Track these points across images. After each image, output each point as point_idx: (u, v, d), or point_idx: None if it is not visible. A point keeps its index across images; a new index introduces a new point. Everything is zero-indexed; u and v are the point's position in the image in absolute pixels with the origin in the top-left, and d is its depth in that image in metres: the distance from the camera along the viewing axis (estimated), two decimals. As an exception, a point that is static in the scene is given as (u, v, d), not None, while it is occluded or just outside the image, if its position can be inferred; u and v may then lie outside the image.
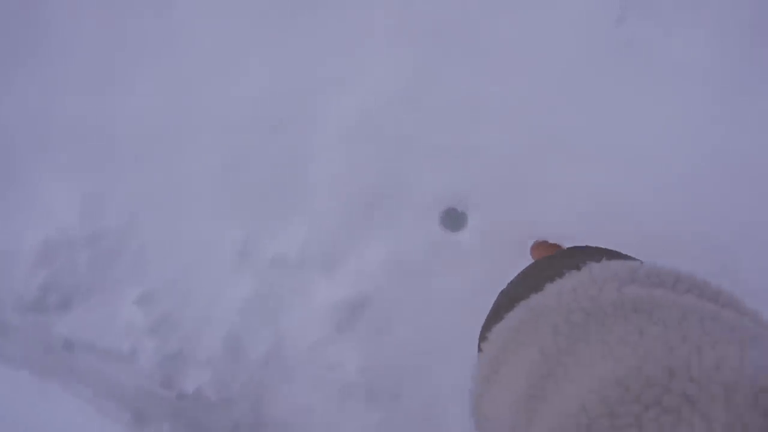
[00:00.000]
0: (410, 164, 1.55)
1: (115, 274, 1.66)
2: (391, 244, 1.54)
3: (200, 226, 1.65)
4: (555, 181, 1.48)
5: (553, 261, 0.74)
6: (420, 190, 1.54)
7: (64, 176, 1.75)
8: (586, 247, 0.83)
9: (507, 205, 1.50)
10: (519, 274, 0.79)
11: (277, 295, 1.59)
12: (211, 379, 1.59)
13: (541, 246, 1.41)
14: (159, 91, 1.71)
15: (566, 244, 1.45)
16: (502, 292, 0.78)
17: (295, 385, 1.60)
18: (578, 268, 0.56)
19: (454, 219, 1.53)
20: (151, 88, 1.72)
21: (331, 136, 1.60)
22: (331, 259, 1.57)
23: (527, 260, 1.50)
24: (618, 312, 0.46)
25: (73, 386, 1.79)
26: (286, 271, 1.59)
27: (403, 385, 1.53)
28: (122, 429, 1.70)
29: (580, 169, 1.48)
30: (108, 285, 1.66)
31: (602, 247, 0.80)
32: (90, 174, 1.72)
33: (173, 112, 1.70)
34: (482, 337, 0.66)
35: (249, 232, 1.61)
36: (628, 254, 0.75)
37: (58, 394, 1.75)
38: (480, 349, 0.61)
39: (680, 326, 0.41)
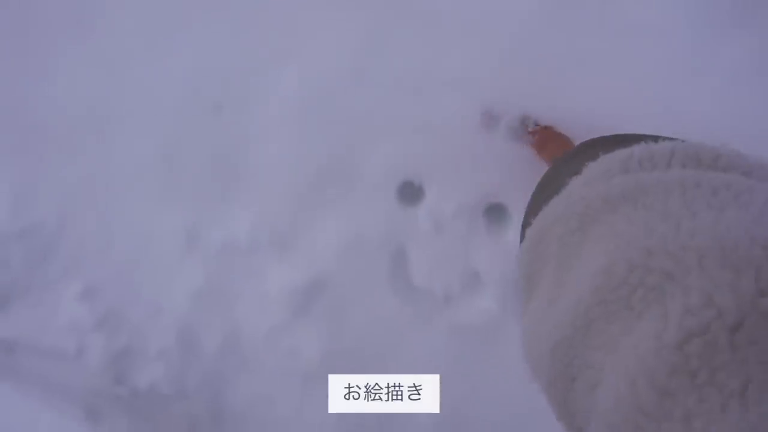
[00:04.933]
0: (360, 139, 1.47)
1: (52, 269, 1.55)
2: (345, 223, 1.47)
3: (141, 215, 1.55)
4: (507, 150, 1.42)
5: (561, 168, 0.78)
6: (372, 166, 1.46)
7: (-10, 168, 1.61)
8: (598, 140, 0.84)
9: (462, 175, 1.44)
10: (538, 185, 0.84)
11: (229, 282, 1.51)
12: (165, 374, 1.52)
13: (545, 135, 1.34)
14: (81, 75, 1.59)
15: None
16: (529, 202, 0.83)
17: (254, 375, 1.54)
18: (579, 172, 0.60)
19: (410, 193, 1.47)
20: (72, 72, 1.59)
21: (275, 113, 1.50)
22: (283, 242, 1.49)
23: (482, 231, 1.45)
24: (607, 206, 0.49)
25: (20, 387, 1.69)
26: (236, 256, 1.51)
27: (365, 368, 1.48)
28: (77, 425, 1.61)
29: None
30: (46, 281, 1.56)
31: (619, 134, 0.80)
32: (19, 165, 1.60)
33: (99, 97, 1.57)
34: (521, 236, 0.72)
35: (194, 219, 1.52)
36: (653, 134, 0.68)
37: (5, 393, 1.64)
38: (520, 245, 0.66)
39: (663, 205, 0.44)
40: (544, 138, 1.35)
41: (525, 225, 0.71)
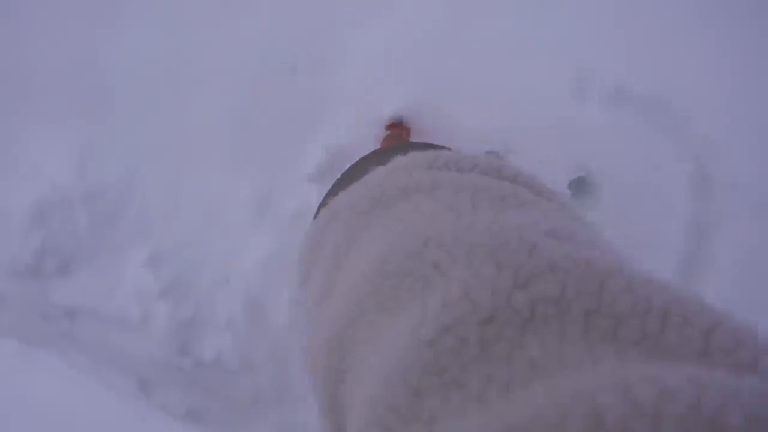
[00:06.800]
0: (442, 105, 1.42)
1: (118, 234, 1.51)
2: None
3: (212, 180, 1.50)
4: (597, 120, 1.37)
5: (370, 159, 0.78)
6: (454, 134, 1.42)
7: (54, 129, 1.57)
8: (414, 143, 0.83)
9: (549, 146, 1.39)
10: (343, 173, 0.82)
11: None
12: (232, 345, 1.47)
13: (388, 136, 1.37)
14: (157, 32, 1.54)
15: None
16: (327, 191, 0.81)
17: (323, 348, 1.49)
18: (384, 163, 0.57)
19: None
20: (148, 29, 1.54)
21: (354, 78, 1.45)
22: (359, 211, 1.44)
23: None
24: (402, 194, 0.47)
25: (70, 356, 1.65)
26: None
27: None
28: (126, 399, 1.57)
29: (621, 108, 1.38)
30: (111, 247, 1.51)
31: (440, 145, 0.81)
32: (84, 126, 1.55)
33: (174, 55, 1.53)
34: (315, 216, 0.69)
35: (266, 185, 1.48)
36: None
37: (51, 364, 1.60)
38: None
39: (452, 200, 0.43)
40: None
41: (321, 206, 0.69)
